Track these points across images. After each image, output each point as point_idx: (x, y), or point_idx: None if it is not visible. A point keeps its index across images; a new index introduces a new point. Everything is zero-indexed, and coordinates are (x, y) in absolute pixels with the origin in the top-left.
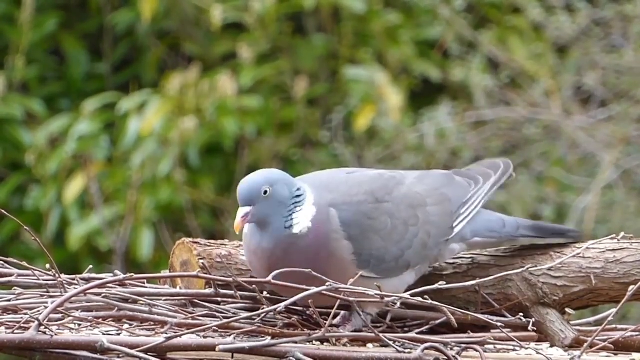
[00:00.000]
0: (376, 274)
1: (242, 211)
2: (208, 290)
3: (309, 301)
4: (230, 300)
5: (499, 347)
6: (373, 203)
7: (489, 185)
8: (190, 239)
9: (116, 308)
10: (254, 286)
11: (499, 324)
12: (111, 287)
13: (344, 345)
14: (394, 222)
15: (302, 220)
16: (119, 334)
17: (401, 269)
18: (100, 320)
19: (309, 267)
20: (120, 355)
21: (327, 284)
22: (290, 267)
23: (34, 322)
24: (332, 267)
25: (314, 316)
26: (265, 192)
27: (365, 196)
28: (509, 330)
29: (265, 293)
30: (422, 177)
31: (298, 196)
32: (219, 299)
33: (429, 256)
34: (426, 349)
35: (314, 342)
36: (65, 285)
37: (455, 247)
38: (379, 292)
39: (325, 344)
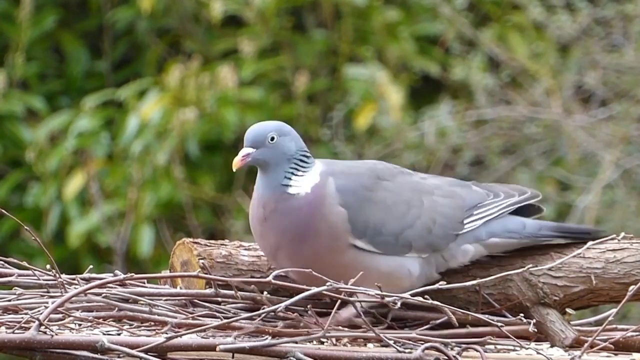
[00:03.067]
0: (373, 246)
1: (244, 151)
2: (208, 290)
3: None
4: (230, 300)
5: (499, 347)
6: (373, 178)
7: (509, 201)
8: (191, 239)
9: (116, 308)
10: (253, 286)
11: (499, 323)
12: (111, 287)
13: (344, 345)
14: (394, 199)
15: (302, 185)
16: (119, 334)
17: (402, 248)
18: (100, 320)
19: (300, 227)
20: (121, 355)
21: (327, 283)
22: (283, 221)
23: (34, 322)
24: (325, 230)
25: (314, 317)
26: (272, 139)
27: (366, 171)
28: (509, 330)
29: (265, 293)
30: (435, 177)
31: (303, 159)
32: (219, 299)
33: (436, 246)
34: (426, 348)
35: (314, 341)
36: (66, 285)
37: (469, 249)
38: (379, 292)
39: (325, 343)
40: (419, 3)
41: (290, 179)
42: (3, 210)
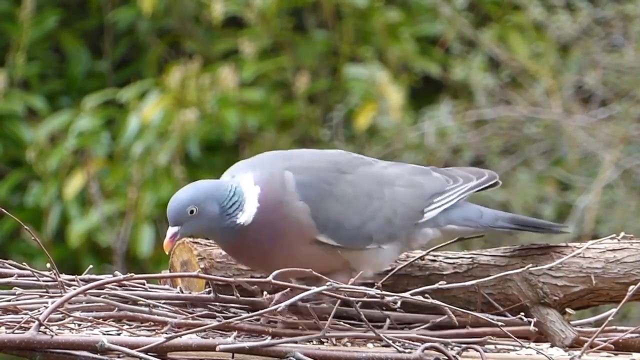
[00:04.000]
0: (336, 240)
1: (170, 231)
2: (207, 295)
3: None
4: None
5: (499, 347)
6: (334, 172)
7: (467, 187)
8: (191, 239)
9: (116, 308)
10: (255, 287)
11: (499, 323)
12: (111, 288)
13: (344, 345)
14: (355, 192)
15: (246, 214)
16: (119, 334)
17: (363, 240)
18: (100, 320)
19: (270, 242)
20: (121, 355)
21: (327, 283)
22: (257, 247)
23: (34, 322)
24: (289, 230)
25: (314, 316)
26: (192, 212)
27: (326, 164)
28: (509, 330)
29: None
30: (396, 164)
31: (233, 203)
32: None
33: (396, 235)
34: (426, 348)
35: (314, 341)
36: (65, 286)
37: (429, 232)
38: (379, 292)
39: (325, 343)
40: (420, 3)
41: (235, 221)
42: (3, 210)
